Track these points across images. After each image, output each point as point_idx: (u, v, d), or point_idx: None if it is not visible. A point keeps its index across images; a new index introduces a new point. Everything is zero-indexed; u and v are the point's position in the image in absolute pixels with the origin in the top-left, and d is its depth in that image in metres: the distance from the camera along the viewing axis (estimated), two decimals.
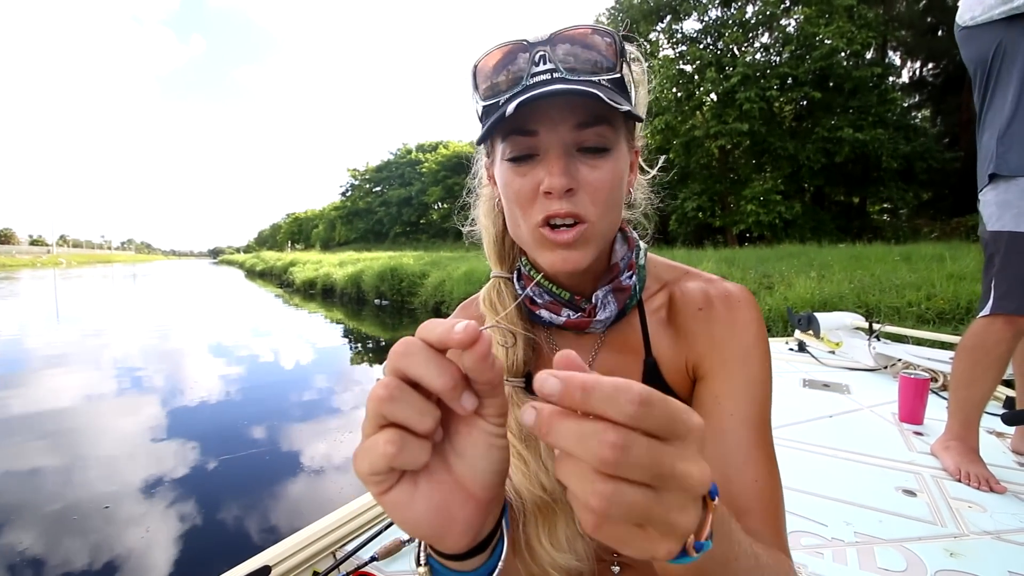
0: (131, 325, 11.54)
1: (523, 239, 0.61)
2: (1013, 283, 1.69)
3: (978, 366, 1.77)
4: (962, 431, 1.80)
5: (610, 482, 0.27)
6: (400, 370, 0.32)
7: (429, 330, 0.33)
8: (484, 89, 0.58)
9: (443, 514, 0.36)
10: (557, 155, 0.54)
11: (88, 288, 25.69)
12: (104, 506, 3.09)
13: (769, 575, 0.43)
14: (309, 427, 4.58)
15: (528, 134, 0.55)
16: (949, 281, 6.24)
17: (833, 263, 8.78)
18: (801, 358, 3.50)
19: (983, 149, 1.78)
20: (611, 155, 0.56)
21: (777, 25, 18.06)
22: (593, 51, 0.55)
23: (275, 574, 1.18)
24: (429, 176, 37.83)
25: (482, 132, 0.56)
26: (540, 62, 0.55)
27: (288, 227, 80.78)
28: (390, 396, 0.32)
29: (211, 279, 34.56)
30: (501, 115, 0.52)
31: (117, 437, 4.34)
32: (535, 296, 0.66)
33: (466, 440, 0.36)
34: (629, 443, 0.27)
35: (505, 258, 0.72)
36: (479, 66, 0.58)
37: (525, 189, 0.57)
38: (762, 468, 0.57)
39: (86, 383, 6.11)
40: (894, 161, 16.15)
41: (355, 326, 11.75)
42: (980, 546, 1.38)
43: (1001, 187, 1.72)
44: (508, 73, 0.56)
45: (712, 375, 0.62)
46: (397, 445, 0.31)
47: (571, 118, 0.54)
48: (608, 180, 0.56)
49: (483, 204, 0.73)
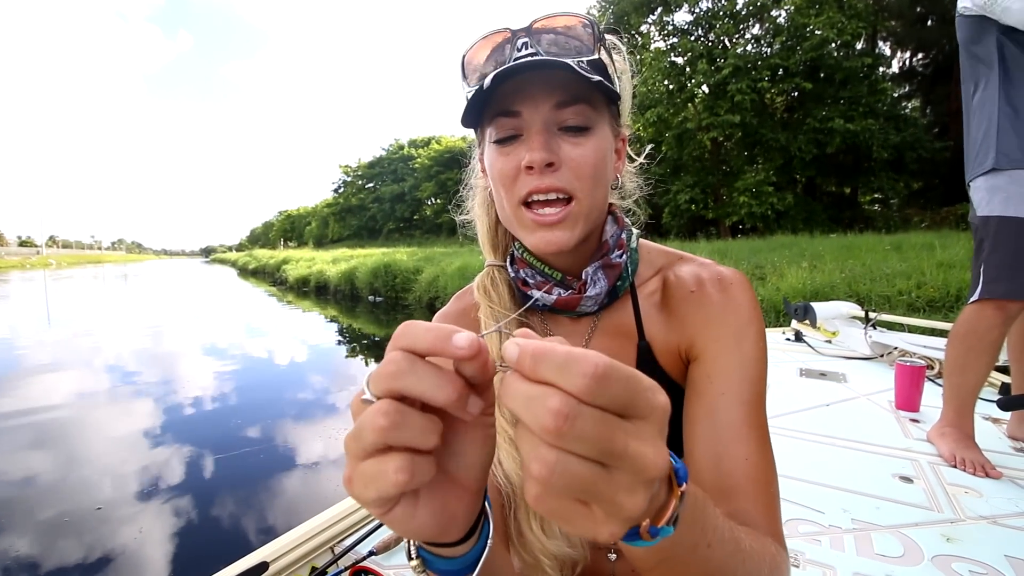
0: (124, 326, 11.45)
1: (509, 220, 0.63)
2: (1001, 268, 1.71)
3: (971, 352, 1.78)
4: (957, 417, 1.81)
5: (554, 451, 0.26)
6: (396, 391, 0.30)
7: (414, 338, 0.31)
8: (472, 76, 0.61)
9: (444, 515, 0.35)
10: (538, 131, 0.57)
11: (79, 289, 25.45)
12: (96, 507, 3.07)
13: (751, 562, 0.42)
14: (303, 425, 4.57)
15: (511, 115, 0.58)
16: (939, 269, 6.29)
17: (825, 253, 8.85)
18: (798, 348, 3.52)
19: (971, 137, 1.79)
20: (593, 133, 0.58)
21: (768, 16, 18.06)
22: (572, 37, 0.58)
23: (273, 570, 1.17)
24: (422, 172, 37.64)
25: (466, 109, 0.58)
26: (522, 48, 0.57)
27: (281, 224, 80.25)
28: (393, 424, 0.29)
29: (203, 278, 34.35)
30: (480, 88, 0.55)
31: (112, 437, 4.31)
32: (527, 278, 0.67)
33: (462, 439, 0.35)
34: (574, 414, 0.26)
35: (498, 246, 0.74)
36: (467, 56, 0.61)
37: (508, 168, 0.59)
38: (753, 446, 0.56)
39: (79, 384, 6.06)
40: (884, 151, 16.22)
41: (349, 323, 11.72)
42: (976, 531, 1.38)
43: (992, 174, 1.73)
44: (494, 60, 0.59)
45: (704, 355, 0.62)
46: (409, 472, 0.29)
47: (552, 96, 0.56)
48: (591, 156, 0.58)
49: (478, 195, 0.75)
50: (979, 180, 1.76)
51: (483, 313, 0.69)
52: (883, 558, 1.28)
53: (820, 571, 1.23)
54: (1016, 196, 1.68)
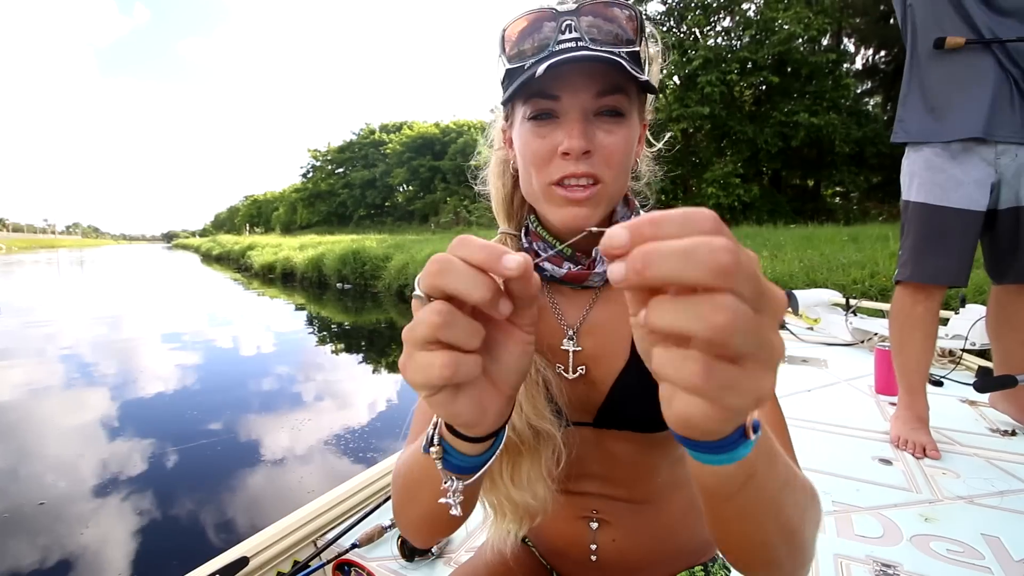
0: (79, 314, 11.00)
1: (536, 196, 0.64)
2: (911, 251, 1.78)
3: (904, 331, 1.84)
4: (909, 398, 1.85)
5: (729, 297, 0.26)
6: (439, 288, 0.34)
7: (469, 252, 0.34)
8: (511, 53, 0.61)
9: (479, 408, 0.39)
10: (577, 119, 0.58)
11: (31, 275, 24.36)
12: (39, 502, 2.94)
13: (800, 489, 0.45)
14: (271, 416, 4.45)
15: (551, 98, 0.58)
16: (891, 259, 6.50)
17: (786, 244, 9.12)
18: (780, 335, 3.56)
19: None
20: (626, 122, 0.60)
21: (738, 9, 18.29)
22: (616, 24, 0.59)
23: (253, 565, 1.13)
24: (394, 158, 36.94)
25: (509, 91, 0.59)
26: (566, 31, 0.58)
27: (246, 210, 77.79)
28: (444, 322, 0.33)
29: (164, 264, 33.29)
30: (531, 76, 0.55)
31: (64, 430, 4.14)
32: (539, 250, 0.69)
33: (502, 347, 0.40)
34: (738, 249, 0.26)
35: (513, 216, 0.75)
36: (507, 30, 0.61)
37: (544, 150, 0.60)
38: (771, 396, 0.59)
39: (29, 375, 5.79)
40: (846, 146, 16.71)
41: (317, 310, 11.51)
42: (954, 510, 1.42)
43: (911, 157, 1.80)
44: (535, 39, 0.59)
45: None
46: (452, 368, 0.34)
47: (593, 85, 0.58)
48: (622, 145, 0.60)
49: (494, 166, 0.75)
50: (903, 163, 1.83)
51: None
52: (863, 539, 1.30)
53: None
54: (928, 183, 1.73)
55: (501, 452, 0.64)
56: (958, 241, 1.70)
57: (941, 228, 1.71)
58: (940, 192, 1.70)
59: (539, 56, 0.58)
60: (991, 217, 1.73)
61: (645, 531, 0.73)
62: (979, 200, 1.68)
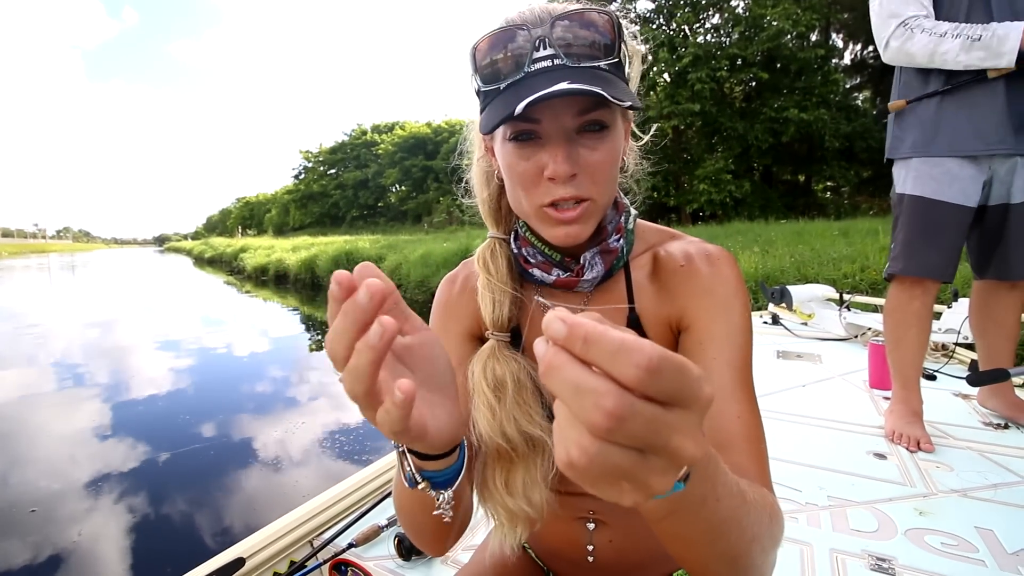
0: (72, 319, 10.92)
1: (526, 214, 0.63)
2: (903, 245, 1.78)
3: (898, 327, 1.84)
4: (903, 393, 1.85)
5: (597, 442, 0.26)
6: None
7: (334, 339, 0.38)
8: (484, 73, 0.59)
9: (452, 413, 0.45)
10: (559, 143, 0.56)
11: (22, 280, 24.11)
12: (31, 509, 2.91)
13: (755, 513, 0.44)
14: (266, 418, 4.42)
15: (532, 121, 0.56)
16: (881, 253, 6.51)
17: (777, 239, 9.15)
18: (775, 330, 3.58)
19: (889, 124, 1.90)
20: (609, 133, 0.58)
21: (727, 6, 18.36)
22: (592, 30, 0.57)
23: (250, 565, 1.13)
24: (386, 158, 36.89)
25: (490, 125, 0.56)
26: (540, 47, 0.56)
27: (239, 212, 77.41)
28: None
29: (157, 268, 33.02)
30: (510, 115, 0.52)
31: (58, 435, 4.10)
32: (528, 256, 0.69)
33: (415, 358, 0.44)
34: (627, 415, 0.25)
35: (502, 221, 0.74)
36: (478, 48, 0.59)
37: (529, 172, 0.58)
38: (744, 406, 0.60)
39: (23, 380, 5.74)
40: (836, 141, 16.83)
41: (310, 312, 11.45)
42: (948, 504, 1.43)
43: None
44: (507, 59, 0.57)
45: (695, 324, 0.65)
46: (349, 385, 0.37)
47: (574, 105, 0.56)
48: (607, 159, 0.59)
49: (478, 174, 0.74)
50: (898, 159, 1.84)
51: (481, 284, 0.69)
52: (858, 533, 1.30)
53: (797, 548, 1.24)
54: (924, 176, 1.73)
55: (494, 461, 0.64)
56: (950, 236, 1.71)
57: (935, 222, 1.71)
58: (936, 186, 1.70)
59: (515, 77, 0.56)
60: (979, 213, 1.74)
61: (642, 531, 0.72)
62: (972, 196, 1.68)
